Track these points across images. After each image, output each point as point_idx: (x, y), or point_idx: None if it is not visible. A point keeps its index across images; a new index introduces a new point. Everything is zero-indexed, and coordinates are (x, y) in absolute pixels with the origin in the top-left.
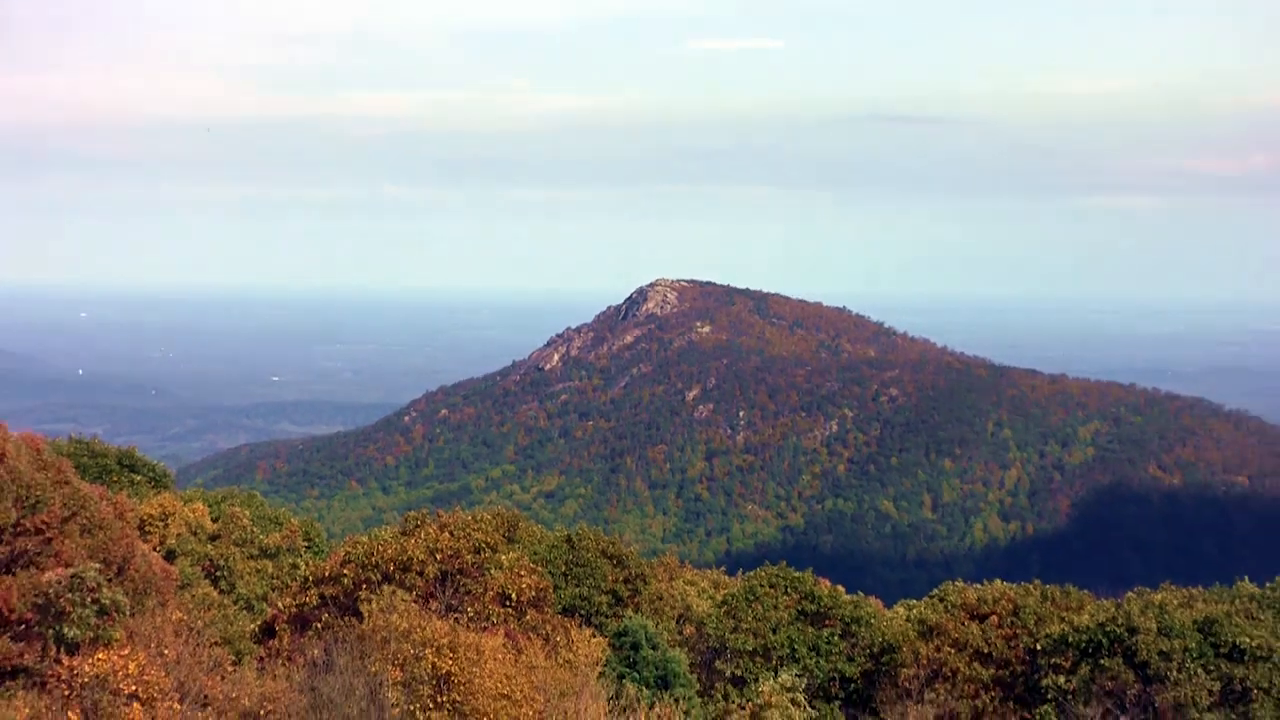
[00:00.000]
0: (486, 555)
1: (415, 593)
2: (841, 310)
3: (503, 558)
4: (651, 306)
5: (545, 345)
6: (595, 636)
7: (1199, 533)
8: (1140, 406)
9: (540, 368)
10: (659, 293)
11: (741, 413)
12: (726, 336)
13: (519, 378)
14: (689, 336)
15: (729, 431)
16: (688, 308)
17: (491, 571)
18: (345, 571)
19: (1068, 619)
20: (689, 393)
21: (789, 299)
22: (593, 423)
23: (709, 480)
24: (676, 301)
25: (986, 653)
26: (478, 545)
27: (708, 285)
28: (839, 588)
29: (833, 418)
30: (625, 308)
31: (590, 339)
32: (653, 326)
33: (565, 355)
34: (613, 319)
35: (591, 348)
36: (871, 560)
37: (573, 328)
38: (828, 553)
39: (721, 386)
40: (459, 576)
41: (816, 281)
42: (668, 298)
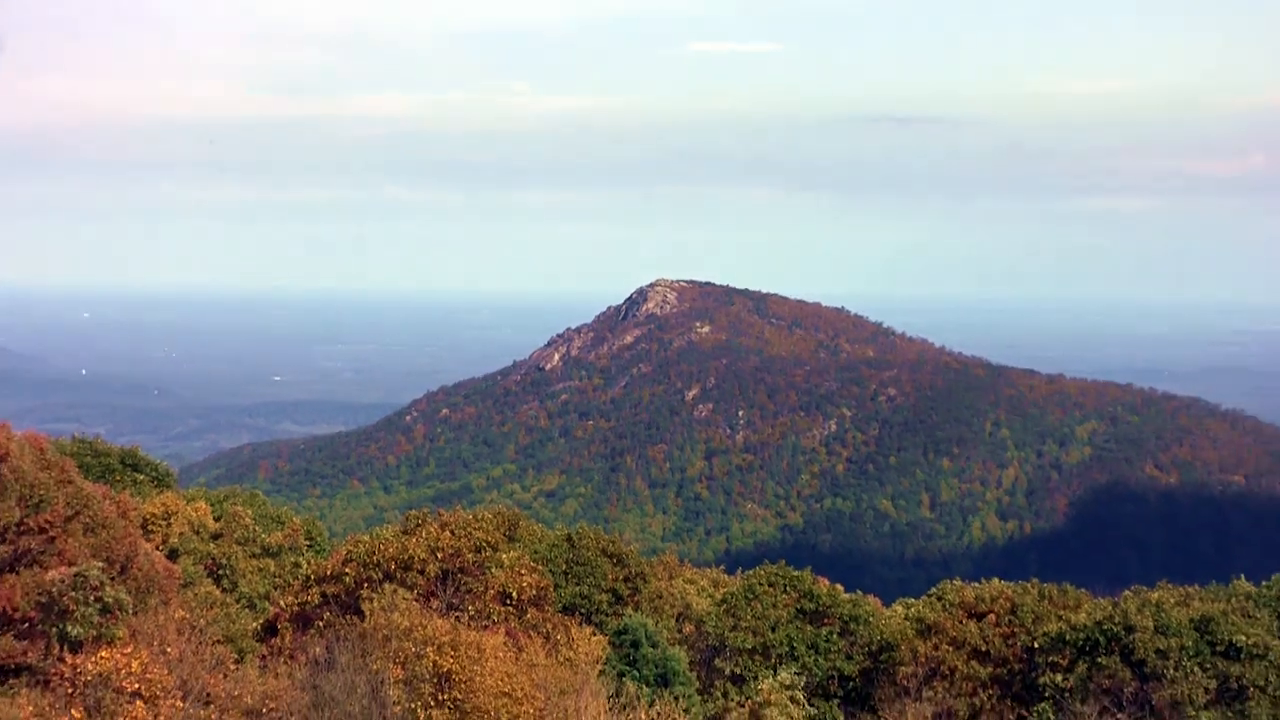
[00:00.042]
0: (487, 554)
1: (416, 591)
2: (840, 310)
3: (503, 556)
4: (651, 307)
5: (546, 345)
6: (595, 635)
7: (1195, 532)
8: (1137, 406)
9: (541, 368)
10: (659, 293)
11: (741, 412)
12: (726, 336)
13: (520, 377)
14: (688, 336)
15: (728, 431)
16: (687, 308)
17: (492, 570)
18: (347, 570)
19: (1065, 617)
20: (688, 392)
21: (788, 299)
22: (593, 422)
23: (708, 479)
24: (676, 302)
25: (984, 651)
26: (479, 544)
27: (707, 285)
28: (838, 586)
29: (831, 417)
30: (625, 308)
31: (590, 339)
32: (652, 327)
33: (566, 355)
34: (613, 319)
35: (592, 348)
36: (870, 559)
37: (573, 328)
38: (826, 552)
39: (721, 386)
40: (460, 575)
41: (815, 282)
42: (667, 298)
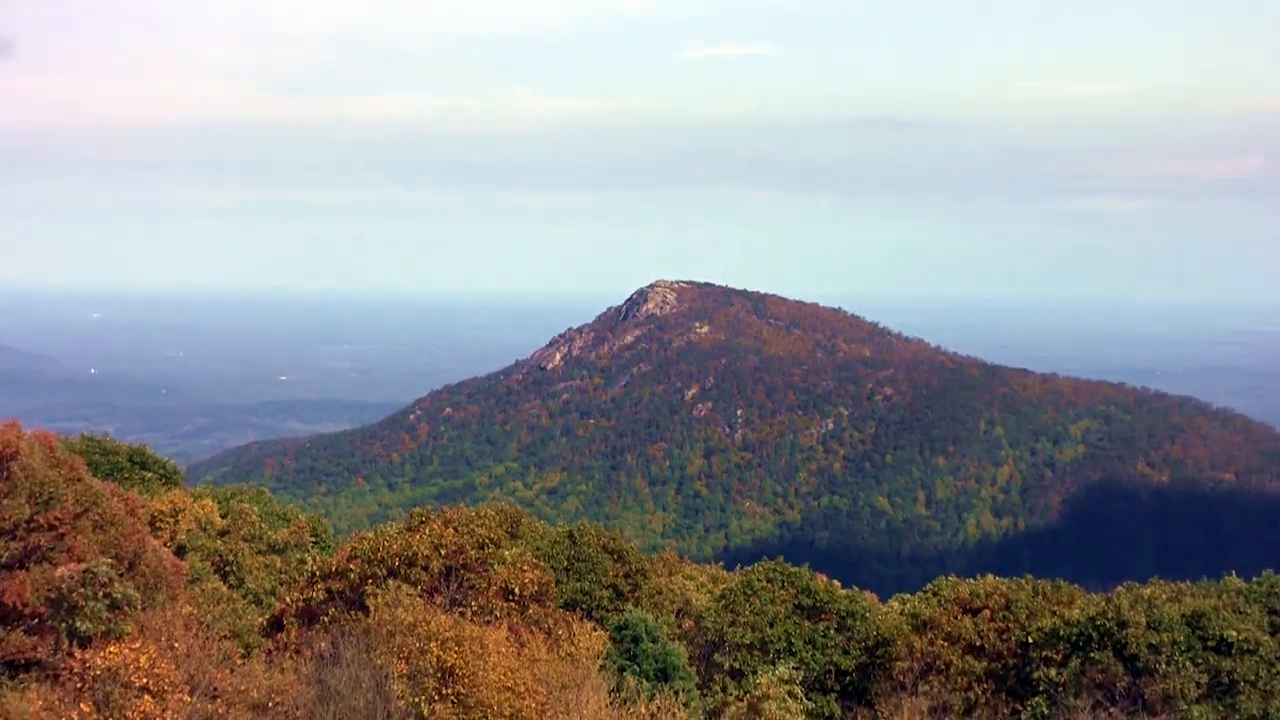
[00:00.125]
0: (490, 551)
1: (420, 587)
2: (837, 311)
3: (506, 553)
4: (651, 307)
5: (547, 345)
6: (596, 630)
7: (1187, 528)
8: (1130, 405)
9: (542, 367)
10: (659, 294)
11: (739, 411)
12: (725, 336)
13: (522, 377)
14: (688, 336)
15: (727, 430)
16: (687, 308)
17: (495, 567)
18: (352, 566)
19: (1059, 613)
20: (688, 392)
21: (786, 300)
22: (594, 421)
23: (708, 477)
24: (676, 302)
25: (979, 646)
26: (481, 541)
27: (706, 286)
28: (835, 583)
29: (829, 416)
30: (625, 308)
31: (591, 339)
32: (652, 327)
33: (567, 355)
34: (613, 319)
35: (593, 347)
36: (867, 556)
37: (574, 328)
38: (824, 548)
39: (720, 385)
40: (463, 571)
41: (813, 282)
42: (667, 298)
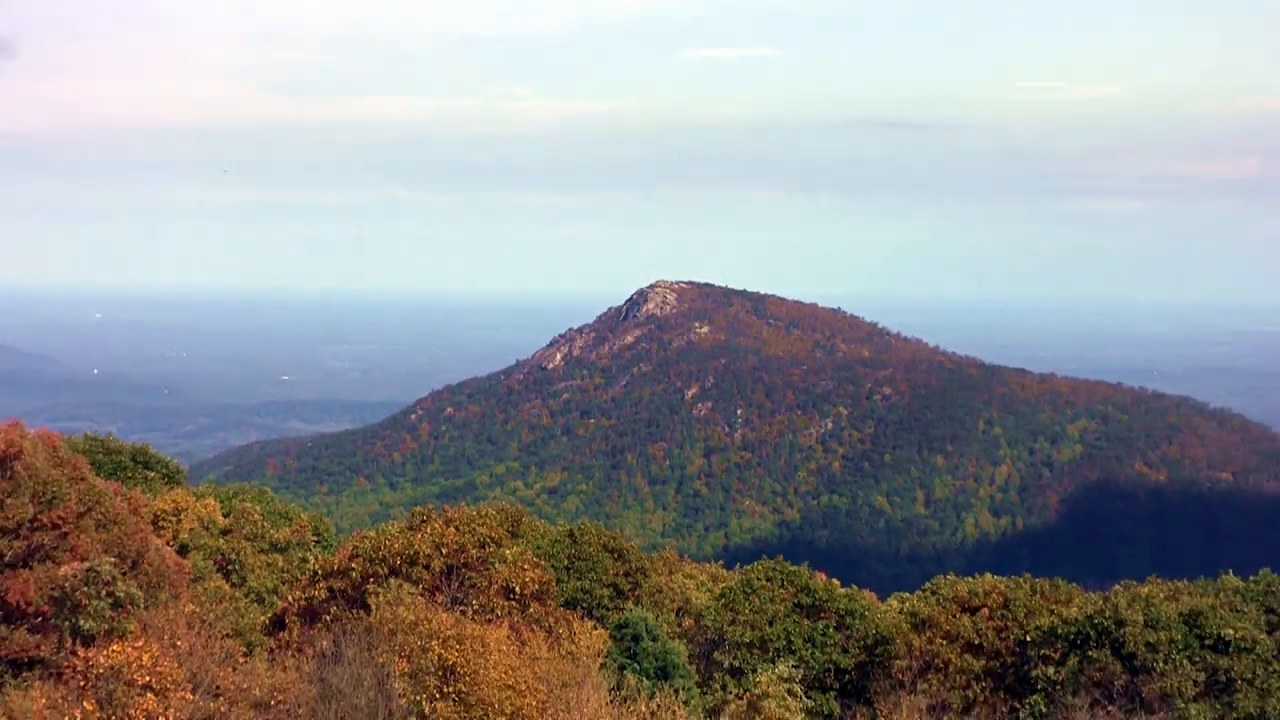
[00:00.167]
0: (491, 550)
1: (421, 586)
2: (836, 311)
3: (507, 552)
4: (651, 307)
5: (548, 345)
6: (597, 629)
7: (1184, 527)
8: (1127, 405)
9: (543, 367)
10: (659, 294)
11: (739, 411)
12: (724, 337)
13: (522, 377)
14: (688, 337)
15: (727, 429)
16: (687, 309)
17: (496, 565)
18: (353, 565)
19: (1057, 611)
20: (688, 391)
21: (785, 300)
22: (594, 421)
23: (707, 477)
24: (676, 302)
25: (978, 644)
26: (482, 540)
27: (706, 287)
28: (834, 581)
29: (828, 415)
30: (626, 309)
31: (592, 339)
32: (653, 327)
33: (567, 355)
34: (614, 319)
35: (593, 348)
36: (866, 555)
37: (575, 328)
38: (823, 547)
39: (720, 385)
40: (464, 570)
41: (812, 283)
42: (667, 299)
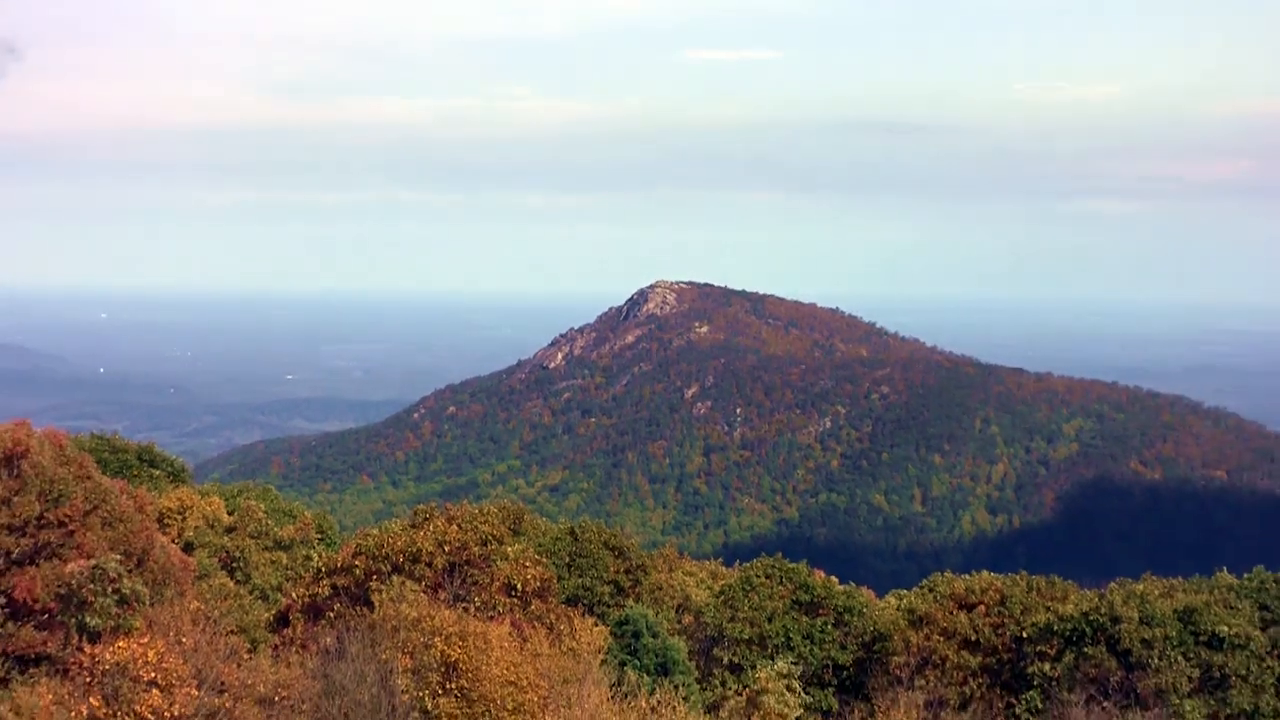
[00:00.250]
0: (493, 547)
1: (424, 583)
2: (835, 311)
3: (508, 549)
4: (651, 307)
5: (549, 345)
6: (597, 625)
7: (1179, 525)
8: (1122, 404)
9: (545, 366)
10: (659, 294)
11: (738, 410)
12: (724, 336)
13: (524, 376)
14: (688, 336)
15: (726, 428)
16: (686, 309)
17: (498, 563)
18: (356, 563)
19: (1053, 608)
20: (688, 390)
21: (784, 300)
22: (595, 419)
23: (707, 475)
24: (676, 303)
25: (974, 641)
26: (484, 537)
27: (706, 287)
28: (832, 578)
29: (826, 414)
30: (626, 309)
31: (593, 339)
32: (653, 327)
33: (569, 354)
34: (614, 319)
35: (594, 347)
36: (863, 552)
37: (576, 328)
38: (821, 545)
39: (719, 384)
40: (466, 568)
41: (810, 283)
42: (667, 299)
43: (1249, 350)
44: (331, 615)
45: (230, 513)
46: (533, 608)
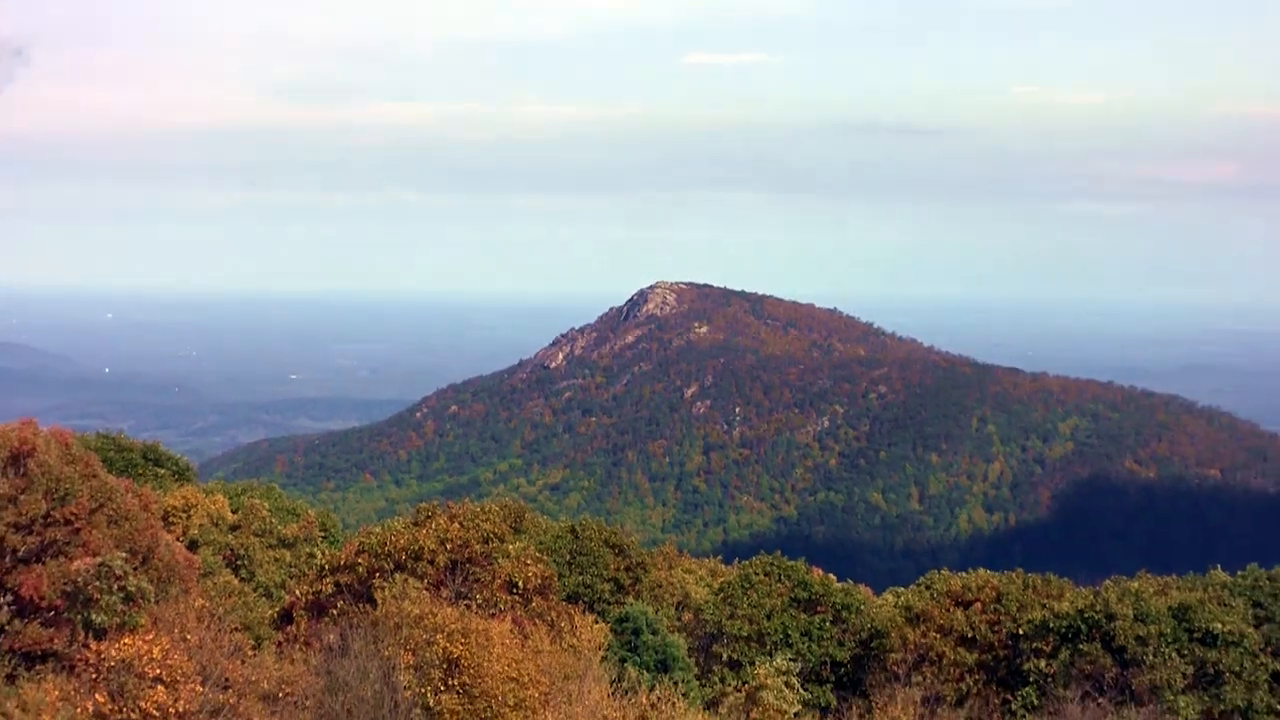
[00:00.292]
0: (494, 545)
1: (426, 581)
2: (833, 311)
3: (510, 547)
4: (652, 308)
5: (550, 345)
6: (598, 622)
7: (1173, 523)
8: (1118, 403)
9: (546, 366)
10: (659, 295)
11: (737, 409)
12: (723, 336)
13: (525, 376)
14: (687, 336)
15: (725, 427)
16: (686, 309)
17: (499, 560)
18: (360, 560)
19: (1048, 606)
20: (687, 390)
21: (783, 300)
22: (595, 419)
23: (706, 473)
24: (675, 303)
25: (971, 638)
26: (486, 535)
27: (705, 287)
28: (830, 576)
29: (824, 414)
30: (627, 309)
31: (593, 339)
32: (653, 327)
33: (569, 354)
34: (615, 320)
35: (594, 347)
36: (861, 550)
37: (576, 328)
38: (820, 543)
39: (718, 384)
40: (468, 565)
41: (809, 283)
42: (667, 299)
43: (1242, 350)
44: (335, 612)
45: (234, 511)
46: (534, 605)
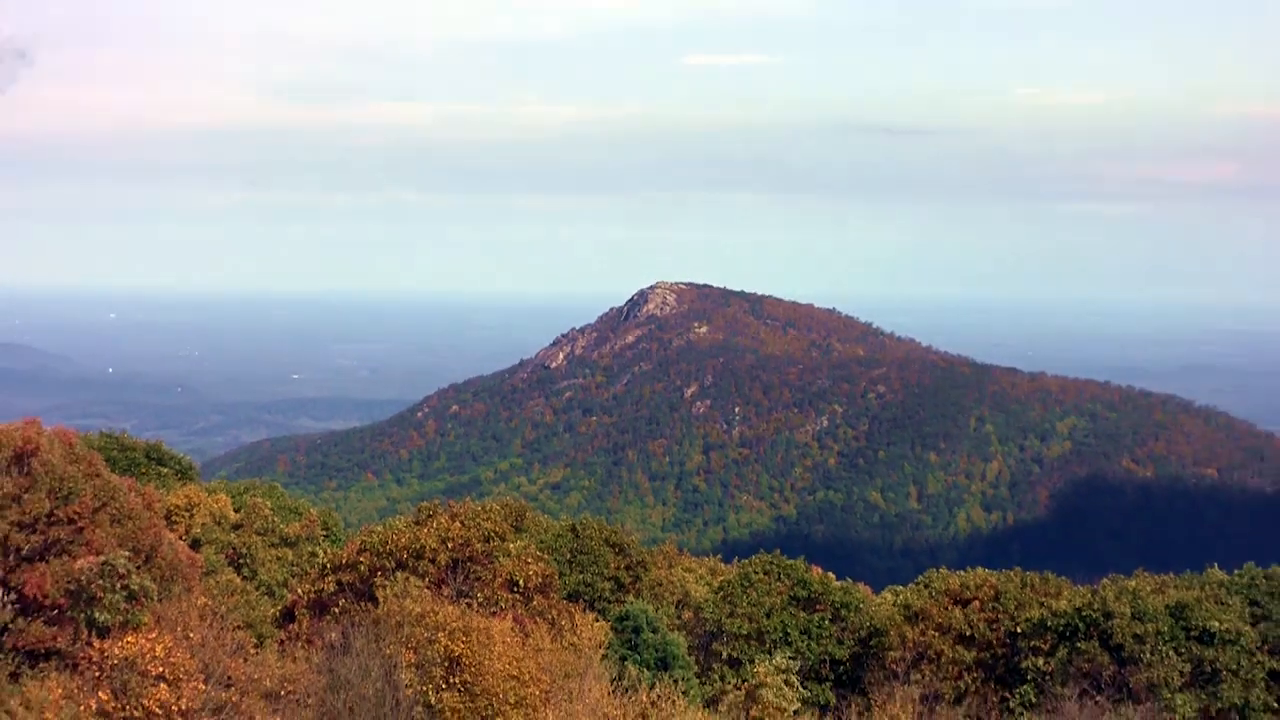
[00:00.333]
0: (495, 544)
1: (428, 579)
2: (832, 311)
3: (511, 546)
4: (652, 308)
5: (551, 345)
6: (598, 621)
7: (1171, 522)
8: (1115, 403)
9: (546, 366)
10: (659, 295)
11: (737, 408)
12: (723, 336)
13: (526, 375)
14: (687, 336)
15: (725, 426)
16: (686, 309)
17: (500, 559)
18: (361, 559)
19: (1046, 604)
20: (687, 390)
21: (782, 301)
22: (596, 418)
23: (706, 472)
24: (675, 303)
25: (969, 636)
26: (487, 534)
27: (705, 288)
28: (829, 575)
29: (823, 413)
30: (627, 309)
31: (594, 339)
32: (653, 327)
33: (570, 354)
34: (615, 320)
35: (595, 347)
36: (860, 548)
37: (577, 328)
38: (819, 541)
39: (718, 384)
40: (469, 564)
41: (808, 284)
42: (667, 299)
43: (1239, 350)
44: (336, 611)
45: (237, 510)
46: (534, 603)
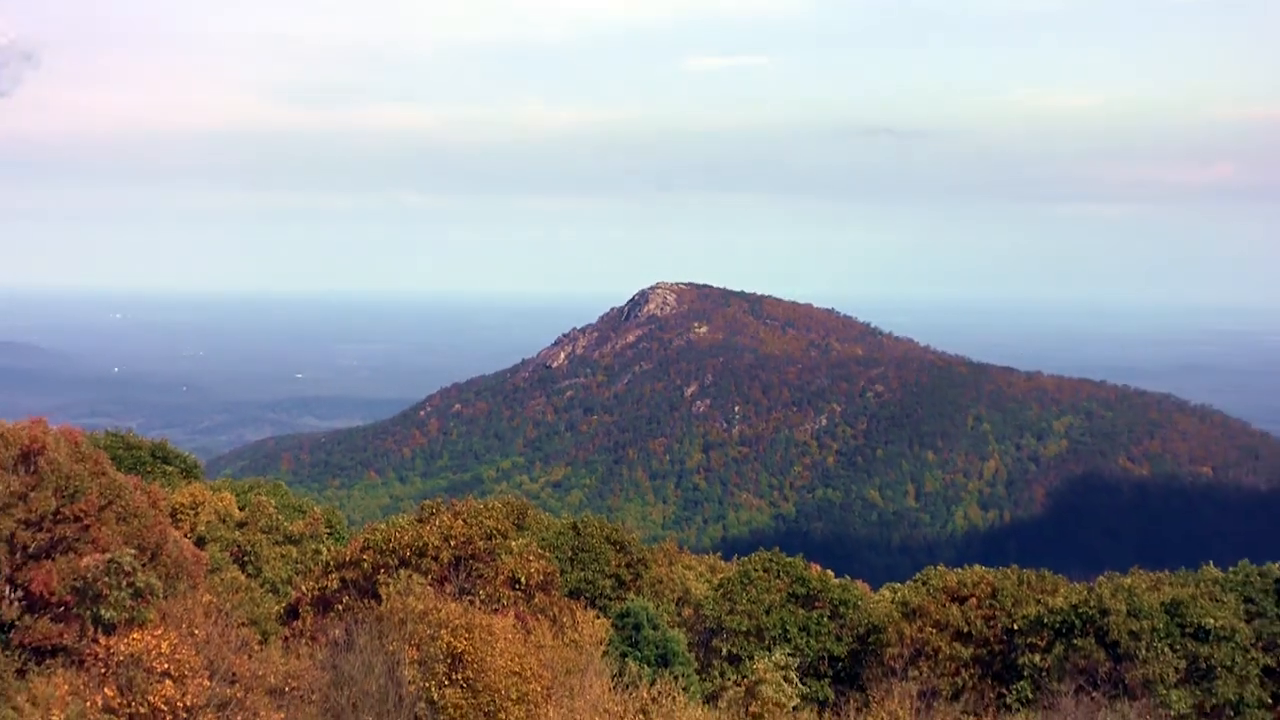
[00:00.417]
0: (497, 541)
1: (430, 576)
2: (830, 311)
3: (512, 544)
4: (652, 308)
5: (552, 344)
6: (599, 618)
7: (1166, 520)
8: (1111, 402)
9: (548, 365)
10: (659, 295)
11: (737, 407)
12: (723, 336)
13: (528, 375)
14: (687, 336)
15: (725, 425)
16: (686, 309)
17: (502, 556)
18: (365, 557)
19: (1043, 601)
20: (687, 389)
21: (781, 301)
22: (597, 417)
23: (706, 471)
24: (675, 303)
25: (966, 633)
26: (489, 532)
27: (705, 288)
28: (828, 572)
29: (822, 412)
30: (627, 309)
31: (595, 338)
32: (653, 327)
33: (571, 354)
34: (616, 320)
35: (596, 347)
36: (859, 546)
37: (578, 328)
38: (817, 539)
39: (718, 383)
40: (471, 561)
41: (807, 284)
42: (667, 300)
43: (1234, 349)
44: (340, 608)
45: (241, 508)
46: (536, 600)
